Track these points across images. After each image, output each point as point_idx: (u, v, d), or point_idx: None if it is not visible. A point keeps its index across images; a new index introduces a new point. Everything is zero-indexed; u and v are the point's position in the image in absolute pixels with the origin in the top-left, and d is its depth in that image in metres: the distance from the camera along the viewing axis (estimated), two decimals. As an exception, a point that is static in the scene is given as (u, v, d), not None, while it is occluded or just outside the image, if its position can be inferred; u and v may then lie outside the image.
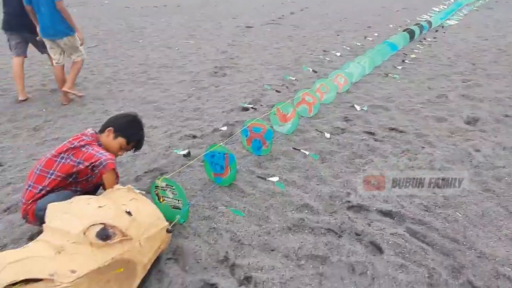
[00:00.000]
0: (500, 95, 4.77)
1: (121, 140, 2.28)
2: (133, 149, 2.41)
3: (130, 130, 2.33)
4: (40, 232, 2.29)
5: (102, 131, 2.31)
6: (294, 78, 5.40)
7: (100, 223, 1.55)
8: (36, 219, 2.03)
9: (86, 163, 2.04)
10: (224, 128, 3.81)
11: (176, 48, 8.39)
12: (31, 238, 2.27)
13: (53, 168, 2.08)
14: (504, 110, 4.28)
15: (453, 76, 5.67)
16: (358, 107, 4.36)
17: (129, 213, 1.72)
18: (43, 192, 2.05)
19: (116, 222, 1.61)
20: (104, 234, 1.54)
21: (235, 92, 5.16)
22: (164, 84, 5.65)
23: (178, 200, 2.24)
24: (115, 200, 1.80)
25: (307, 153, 3.13)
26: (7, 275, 1.26)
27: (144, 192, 2.29)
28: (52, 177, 2.07)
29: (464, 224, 2.36)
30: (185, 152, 3.28)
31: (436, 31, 9.44)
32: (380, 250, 2.15)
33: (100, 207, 1.67)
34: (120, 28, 10.55)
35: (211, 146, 2.72)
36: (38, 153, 3.41)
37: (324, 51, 7.57)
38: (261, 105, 4.55)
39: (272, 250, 2.17)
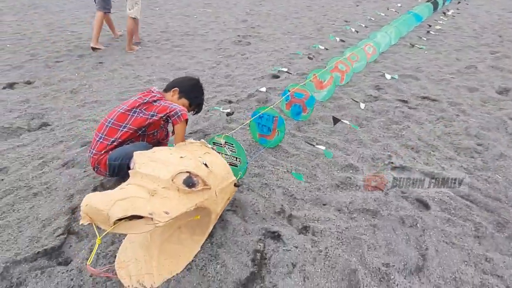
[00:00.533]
0: (530, 67, 4.75)
1: (184, 101, 2.39)
2: (193, 111, 2.52)
3: (193, 93, 2.44)
4: (101, 184, 2.45)
5: (166, 90, 2.41)
6: (322, 47, 5.38)
7: (186, 172, 1.66)
8: (108, 169, 2.16)
9: (160, 115, 2.15)
10: (263, 89, 3.88)
11: (195, 17, 8.31)
12: (95, 189, 2.42)
13: (125, 122, 2.19)
14: (535, 81, 4.29)
15: (480, 48, 5.63)
16: (388, 76, 4.38)
17: (205, 165, 1.83)
18: (115, 143, 2.18)
19: (198, 171, 1.72)
20: (190, 182, 1.65)
21: (263, 61, 5.17)
22: (190, 51, 5.66)
23: (236, 158, 2.35)
24: (192, 153, 1.90)
25: (347, 122, 3.19)
26: (118, 210, 1.38)
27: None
28: (125, 130, 2.19)
29: (505, 185, 2.47)
30: (228, 110, 3.36)
31: (459, 2, 9.22)
32: (426, 206, 2.27)
33: (181, 157, 1.78)
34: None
35: (260, 108, 2.80)
36: (82, 114, 3.52)
37: (346, 21, 7.47)
38: (290, 73, 4.58)
39: (324, 205, 2.30)
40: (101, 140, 2.20)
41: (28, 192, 2.39)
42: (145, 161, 1.72)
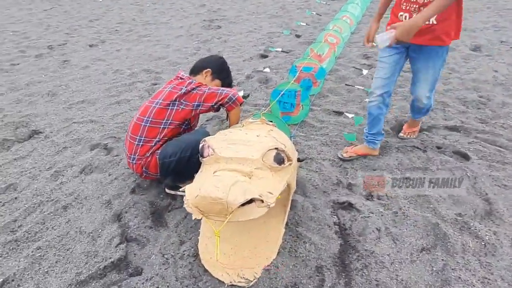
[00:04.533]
0: (487, 25, 5.19)
1: (217, 83, 2.20)
2: None
3: (225, 72, 2.25)
4: (138, 185, 2.22)
5: (196, 72, 2.20)
6: (304, 24, 5.37)
7: (274, 148, 1.55)
8: (160, 169, 1.94)
9: (209, 103, 1.96)
10: (267, 69, 3.78)
11: (147, 5, 7.82)
12: (133, 191, 2.20)
13: (166, 117, 1.96)
14: (499, 37, 4.69)
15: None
16: (374, 43, 4.50)
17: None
18: (159, 143, 1.95)
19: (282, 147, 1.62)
20: (280, 158, 1.55)
21: (243, 42, 5.03)
22: (161, 40, 5.32)
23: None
24: (260, 131, 1.78)
25: (361, 87, 3.23)
26: (237, 195, 1.24)
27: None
28: (167, 126, 1.95)
29: (520, 129, 2.69)
30: (242, 93, 3.23)
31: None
32: (466, 157, 2.39)
33: (257, 136, 1.66)
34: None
35: (280, 85, 2.72)
36: (74, 116, 3.15)
37: (305, -2, 7.51)
38: (286, 52, 4.51)
39: (374, 170, 2.32)
40: (141, 142, 1.95)
41: (56, 206, 2.10)
42: (223, 145, 1.57)
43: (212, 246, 1.70)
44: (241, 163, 1.50)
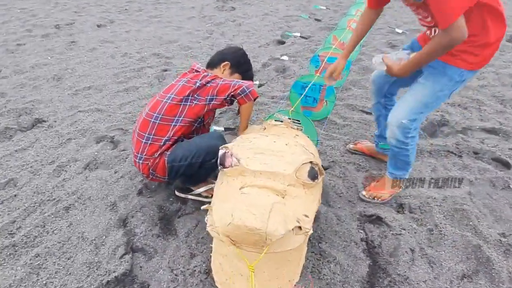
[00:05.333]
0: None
1: (237, 77, 1.98)
2: None
3: (245, 65, 2.01)
4: (146, 186, 2.05)
5: (213, 66, 1.98)
6: (324, 7, 5.04)
7: (309, 162, 1.34)
8: (169, 173, 1.75)
9: (222, 96, 1.73)
10: (285, 57, 3.52)
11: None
12: (140, 192, 2.02)
13: (178, 114, 1.75)
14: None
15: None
16: (399, 31, 4.19)
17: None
18: (169, 143, 1.74)
19: (315, 159, 1.41)
20: (314, 173, 1.35)
21: (259, 26, 4.74)
22: (172, 21, 5.05)
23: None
24: (285, 136, 1.57)
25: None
26: (277, 225, 1.05)
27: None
28: (179, 124, 1.74)
29: None
30: (257, 82, 3.00)
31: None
32: (507, 165, 2.16)
33: (287, 145, 1.45)
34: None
35: (304, 77, 2.48)
36: (79, 104, 2.97)
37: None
38: (305, 38, 4.22)
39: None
40: (150, 141, 1.75)
41: (57, 207, 1.94)
42: (249, 154, 1.37)
43: (228, 266, 1.51)
44: (272, 178, 1.30)
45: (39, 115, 2.82)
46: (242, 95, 1.76)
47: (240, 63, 1.99)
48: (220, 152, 1.43)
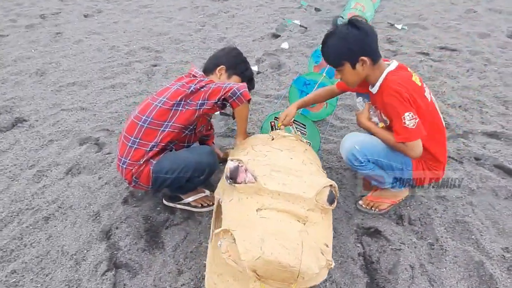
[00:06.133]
0: (524, 7, 4.69)
1: (236, 79, 1.85)
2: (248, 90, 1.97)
3: (242, 65, 1.88)
4: (131, 194, 1.93)
5: (209, 72, 1.85)
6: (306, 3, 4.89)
7: (329, 185, 1.23)
8: (153, 183, 1.63)
9: (213, 100, 1.60)
10: (285, 45, 3.39)
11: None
12: (125, 201, 1.91)
13: (167, 119, 1.62)
14: (538, 22, 4.22)
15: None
16: (399, 26, 4.06)
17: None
18: (155, 149, 1.62)
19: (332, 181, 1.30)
20: (332, 198, 1.24)
21: (253, 18, 4.58)
22: (162, 12, 4.86)
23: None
24: (298, 151, 1.45)
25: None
26: (311, 262, 0.95)
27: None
28: (167, 129, 1.62)
29: None
30: (255, 68, 2.85)
31: None
32: (510, 173, 2.07)
33: (302, 162, 1.33)
34: None
35: (307, 74, 2.37)
36: (62, 101, 2.82)
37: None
38: (304, 27, 4.07)
39: (404, 184, 2.01)
40: (135, 145, 1.62)
41: (36, 217, 1.82)
42: (265, 172, 1.24)
43: (222, 286, 1.41)
44: (291, 201, 1.18)
45: (20, 113, 2.67)
46: (234, 97, 1.63)
47: (236, 64, 1.86)
48: (231, 165, 1.29)
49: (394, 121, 1.50)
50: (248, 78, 1.90)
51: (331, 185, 1.24)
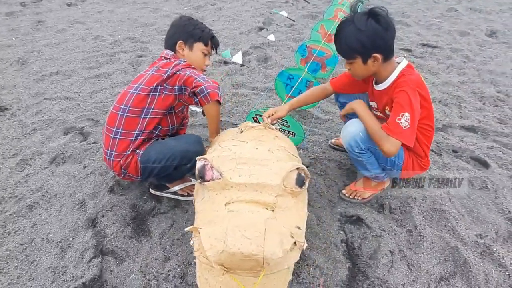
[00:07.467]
0: (503, 7, 4.85)
1: (198, 46, 1.80)
2: (214, 49, 1.93)
3: (197, 30, 1.80)
4: (117, 182, 1.93)
5: (174, 51, 1.82)
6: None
7: (296, 168, 1.27)
8: (142, 173, 1.64)
9: (188, 89, 1.62)
10: (272, 37, 3.40)
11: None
12: (111, 189, 1.91)
13: (147, 106, 1.62)
14: (515, 22, 4.38)
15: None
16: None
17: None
18: (140, 137, 1.62)
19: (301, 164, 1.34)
20: (302, 180, 1.27)
21: (240, 11, 4.58)
22: (149, 2, 4.81)
23: (289, 132, 1.98)
24: (267, 141, 1.48)
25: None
26: (274, 247, 0.98)
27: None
28: (148, 116, 1.62)
29: (541, 133, 2.46)
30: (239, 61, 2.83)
31: None
32: (485, 164, 2.17)
33: (269, 150, 1.36)
34: None
35: (290, 69, 2.40)
36: (46, 91, 2.77)
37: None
38: (292, 20, 4.10)
39: (385, 175, 2.08)
40: (119, 136, 1.62)
41: (19, 205, 1.80)
42: (231, 166, 1.27)
43: (214, 281, 1.43)
44: (259, 191, 1.21)
45: (1, 102, 2.61)
46: (201, 95, 1.63)
47: (190, 34, 1.79)
48: (199, 164, 1.31)
49: (392, 114, 1.48)
50: (209, 38, 1.85)
51: (298, 168, 1.27)
